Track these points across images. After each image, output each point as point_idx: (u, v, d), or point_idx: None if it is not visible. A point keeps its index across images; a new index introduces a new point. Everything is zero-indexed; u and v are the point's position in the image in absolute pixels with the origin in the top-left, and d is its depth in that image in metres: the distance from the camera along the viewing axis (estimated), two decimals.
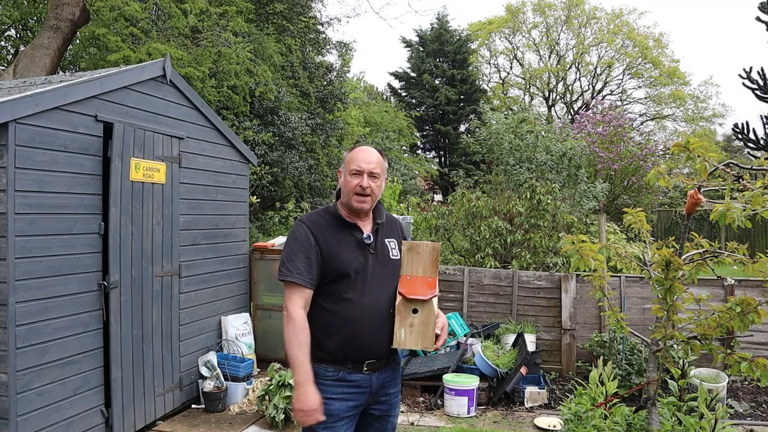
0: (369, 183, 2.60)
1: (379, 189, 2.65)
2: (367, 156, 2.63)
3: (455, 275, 7.14)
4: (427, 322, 2.50)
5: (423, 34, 27.80)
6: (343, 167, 2.68)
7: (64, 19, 8.60)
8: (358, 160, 2.62)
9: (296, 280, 2.53)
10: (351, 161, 2.63)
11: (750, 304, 3.31)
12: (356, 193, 2.60)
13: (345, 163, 2.67)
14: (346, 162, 2.66)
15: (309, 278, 2.55)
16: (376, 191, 2.63)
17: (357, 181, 2.60)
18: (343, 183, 2.66)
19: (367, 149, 2.67)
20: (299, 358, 2.48)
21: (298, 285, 2.53)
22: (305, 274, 2.54)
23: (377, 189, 2.64)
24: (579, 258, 3.74)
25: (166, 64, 5.21)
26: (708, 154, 3.33)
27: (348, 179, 2.62)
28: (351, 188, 2.61)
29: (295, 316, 2.51)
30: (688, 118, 30.51)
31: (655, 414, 3.83)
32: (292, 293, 2.54)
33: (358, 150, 2.67)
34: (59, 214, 4.16)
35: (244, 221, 6.60)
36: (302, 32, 14.24)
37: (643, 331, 5.99)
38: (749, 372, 3.30)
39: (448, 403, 5.59)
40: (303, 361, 2.47)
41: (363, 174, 2.60)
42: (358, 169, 2.60)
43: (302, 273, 2.54)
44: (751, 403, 5.79)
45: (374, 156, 2.65)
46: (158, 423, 5.16)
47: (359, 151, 2.66)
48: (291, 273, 2.54)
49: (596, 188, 11.09)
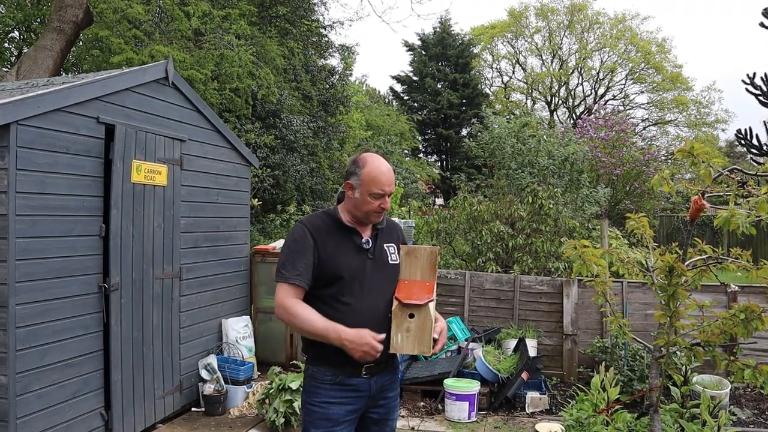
0: (387, 201, 2.62)
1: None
2: (388, 178, 2.59)
3: (456, 279, 7.12)
4: (423, 327, 2.48)
5: (425, 37, 27.84)
6: (359, 183, 2.57)
7: (68, 21, 8.61)
8: (382, 183, 2.56)
9: (296, 282, 2.53)
10: (373, 183, 2.55)
11: (754, 310, 3.29)
12: (377, 212, 2.61)
13: (363, 181, 2.56)
14: (365, 182, 2.55)
15: (306, 280, 2.55)
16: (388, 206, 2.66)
17: (379, 203, 2.58)
18: (360, 201, 2.58)
19: (386, 168, 2.60)
20: (319, 324, 2.47)
21: (296, 286, 2.54)
22: (303, 276, 2.54)
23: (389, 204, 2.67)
24: (581, 263, 3.72)
25: (169, 67, 5.20)
26: (712, 160, 3.31)
27: (367, 199, 2.56)
28: (372, 208, 2.58)
29: (289, 303, 2.51)
30: (690, 124, 30.46)
31: (657, 421, 3.80)
32: (286, 291, 2.54)
33: (377, 170, 2.57)
34: (60, 216, 4.15)
35: (245, 224, 6.59)
36: (305, 35, 14.27)
37: (645, 337, 5.96)
38: (753, 379, 3.28)
39: (448, 407, 5.56)
40: (325, 324, 2.46)
41: (386, 196, 2.59)
42: (382, 192, 2.57)
43: (301, 275, 2.54)
44: (753, 410, 5.76)
45: (392, 174, 2.63)
46: (158, 426, 5.15)
47: (381, 173, 2.56)
48: (290, 275, 2.54)
49: (598, 193, 11.06)
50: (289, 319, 2.52)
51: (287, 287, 2.53)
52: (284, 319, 2.54)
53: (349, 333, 2.43)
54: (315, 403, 2.59)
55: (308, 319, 2.48)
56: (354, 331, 2.44)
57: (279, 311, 2.54)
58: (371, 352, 2.43)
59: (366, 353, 2.43)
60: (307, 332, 2.52)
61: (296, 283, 2.53)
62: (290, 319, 2.51)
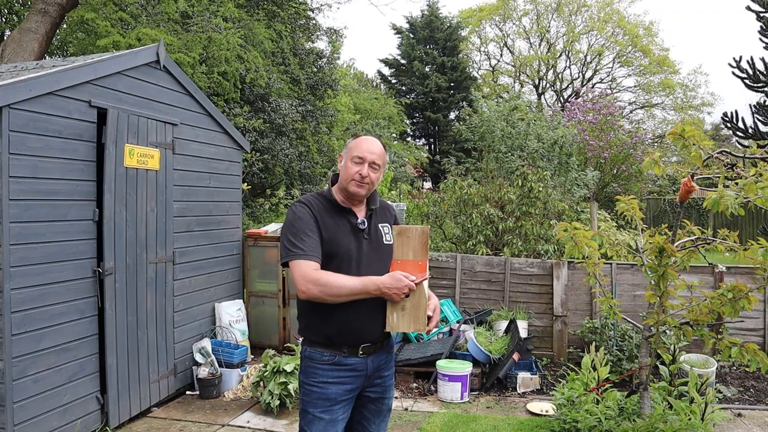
0: (369, 172, 2.62)
1: (377, 180, 2.68)
2: (371, 146, 2.66)
3: (448, 262, 7.18)
4: (418, 305, 2.52)
5: (413, 20, 27.69)
6: (345, 153, 2.69)
7: (52, 3, 8.48)
8: (362, 149, 2.64)
9: (312, 256, 2.51)
10: (354, 148, 2.66)
11: (741, 290, 3.37)
12: (354, 179, 2.62)
13: (348, 149, 2.69)
14: (349, 148, 2.68)
15: (319, 254, 2.54)
16: (374, 181, 2.66)
17: (357, 169, 2.62)
18: (343, 168, 2.67)
19: (373, 140, 2.70)
20: (355, 283, 2.48)
21: (313, 260, 2.51)
22: (315, 250, 2.53)
23: (375, 180, 2.67)
24: (573, 245, 3.78)
25: (160, 50, 5.16)
26: (702, 142, 3.37)
27: (348, 165, 2.64)
28: (350, 174, 2.62)
29: (315, 275, 2.47)
30: (677, 107, 30.66)
31: (647, 398, 3.90)
32: (305, 266, 2.49)
33: (363, 139, 2.69)
34: (53, 200, 4.13)
35: (237, 208, 6.59)
36: (292, 18, 14.15)
37: (633, 317, 6.07)
38: (739, 357, 3.36)
39: (441, 388, 5.64)
40: (359, 281, 2.48)
41: (365, 163, 2.62)
42: (361, 157, 2.62)
43: (314, 249, 2.53)
44: (739, 387, 5.89)
45: (378, 147, 2.67)
46: (153, 409, 5.18)
47: (364, 141, 2.68)
48: (306, 250, 2.51)
49: (587, 176, 11.16)
50: (321, 291, 2.46)
51: (305, 263, 2.49)
52: (314, 293, 2.46)
53: (386, 280, 2.48)
54: (313, 383, 2.62)
55: (342, 284, 2.47)
56: (388, 276, 2.50)
57: (306, 287, 2.47)
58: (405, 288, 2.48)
59: (402, 290, 2.47)
60: (344, 296, 2.48)
61: (313, 258, 2.51)
62: (322, 290, 2.46)
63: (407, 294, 2.49)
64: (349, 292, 2.47)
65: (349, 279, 2.49)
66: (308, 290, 2.47)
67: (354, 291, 2.47)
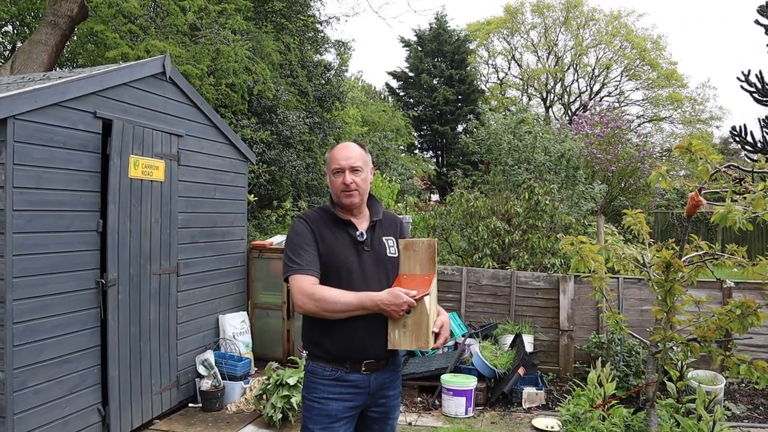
0: (352, 178, 2.59)
1: (364, 182, 2.64)
2: (345, 152, 2.63)
3: (453, 275, 7.13)
4: (420, 322, 2.42)
5: (421, 33, 27.81)
6: (327, 168, 2.69)
7: (62, 15, 8.55)
8: (337, 158, 2.62)
9: (310, 270, 2.50)
10: (331, 160, 2.64)
11: (750, 306, 3.32)
12: (341, 190, 2.60)
13: (327, 163, 2.68)
14: (328, 162, 2.67)
15: (317, 269, 2.53)
16: (361, 185, 2.62)
17: (340, 179, 2.60)
18: (330, 184, 2.67)
19: (345, 145, 2.68)
20: (351, 299, 2.44)
21: (311, 274, 2.50)
22: (314, 265, 2.53)
23: (362, 183, 2.62)
24: (579, 259, 3.73)
25: (166, 62, 5.19)
26: (710, 157, 3.33)
27: (332, 179, 2.64)
28: (337, 187, 2.61)
29: (312, 290, 2.46)
30: (685, 121, 30.56)
31: (653, 415, 3.83)
32: (302, 280, 2.49)
33: (336, 148, 2.67)
34: (57, 211, 4.14)
35: (242, 219, 6.59)
36: (301, 31, 14.22)
37: (641, 332, 5.97)
38: (748, 374, 3.30)
39: (445, 403, 5.58)
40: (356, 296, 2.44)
41: (344, 171, 2.59)
42: (339, 167, 2.60)
43: (311, 264, 2.52)
44: (748, 405, 5.80)
45: (353, 150, 2.64)
46: (155, 422, 5.14)
47: (337, 150, 2.66)
48: (303, 265, 2.51)
49: (594, 189, 11.10)
50: (316, 306, 2.45)
51: (302, 277, 2.49)
52: (310, 308, 2.46)
53: (384, 296, 2.42)
54: (314, 398, 2.57)
55: (337, 299, 2.45)
56: (386, 292, 2.44)
57: (302, 301, 2.47)
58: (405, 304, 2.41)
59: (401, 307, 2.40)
60: (340, 312, 2.45)
61: (311, 272, 2.50)
62: (318, 305, 2.45)
63: (408, 310, 2.43)
64: (344, 308, 2.44)
65: (346, 294, 2.45)
66: (304, 305, 2.47)
67: (350, 307, 2.44)
